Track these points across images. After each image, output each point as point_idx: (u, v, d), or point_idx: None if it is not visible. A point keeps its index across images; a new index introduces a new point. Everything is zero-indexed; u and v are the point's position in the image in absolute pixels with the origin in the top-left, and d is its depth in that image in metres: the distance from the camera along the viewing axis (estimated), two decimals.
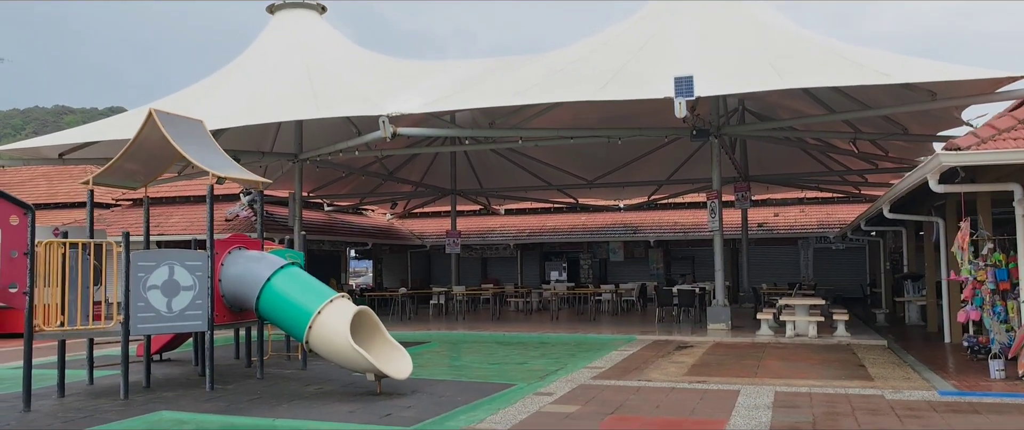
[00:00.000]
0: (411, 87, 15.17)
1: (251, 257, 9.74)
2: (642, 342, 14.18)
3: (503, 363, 11.73)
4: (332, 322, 8.91)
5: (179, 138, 9.86)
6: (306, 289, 9.28)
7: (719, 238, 16.55)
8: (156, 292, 9.01)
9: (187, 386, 9.76)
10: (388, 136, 13.68)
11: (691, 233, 27.59)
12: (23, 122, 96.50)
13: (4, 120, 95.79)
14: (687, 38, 14.28)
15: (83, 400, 8.90)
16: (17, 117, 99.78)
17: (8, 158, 16.72)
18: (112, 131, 16.77)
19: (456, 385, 9.54)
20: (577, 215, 30.54)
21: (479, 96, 14.00)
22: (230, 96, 16.72)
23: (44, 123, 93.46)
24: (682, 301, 17.72)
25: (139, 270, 8.91)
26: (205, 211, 24.39)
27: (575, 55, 14.90)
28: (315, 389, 9.34)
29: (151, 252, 9.15)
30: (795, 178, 24.81)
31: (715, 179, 16.70)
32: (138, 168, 10.61)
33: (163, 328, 9.13)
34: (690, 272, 29.36)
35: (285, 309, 9.17)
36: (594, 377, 10.04)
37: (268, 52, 17.99)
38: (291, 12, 18.89)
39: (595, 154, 24.41)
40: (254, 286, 9.34)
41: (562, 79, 13.99)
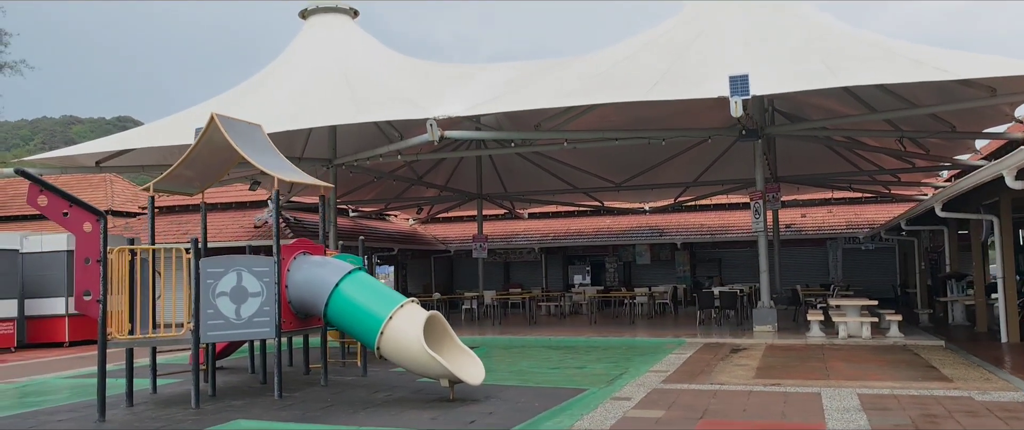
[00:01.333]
0: (453, 90, 15.05)
1: (316, 262, 9.61)
2: (692, 345, 14.01)
3: (562, 367, 11.57)
4: (405, 327, 8.76)
5: (240, 142, 9.73)
6: (376, 294, 9.14)
7: (763, 239, 16.39)
8: (225, 299, 8.88)
9: (253, 394, 9.62)
10: (435, 139, 13.55)
11: (718, 235, 27.44)
12: (31, 132, 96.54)
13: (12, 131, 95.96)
14: (734, 38, 14.14)
15: (154, 409, 8.76)
16: (25, 128, 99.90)
17: (46, 167, 16.64)
18: (148, 138, 16.70)
19: (527, 391, 9.38)
20: (601, 218, 30.38)
21: (525, 98, 13.87)
22: (266, 102, 16.61)
23: (52, 133, 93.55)
24: (724, 303, 17.54)
25: (208, 276, 8.78)
26: (232, 218, 24.44)
27: (618, 57, 14.77)
28: (385, 396, 9.19)
29: (219, 258, 9.02)
30: (826, 178, 24.61)
31: (759, 179, 16.54)
32: (195, 174, 10.48)
33: (232, 335, 9.00)
34: (717, 274, 29.18)
35: (355, 315, 9.03)
36: (663, 381, 9.87)
37: (303, 57, 17.89)
38: (324, 16, 18.80)
39: (622, 157, 24.25)
40: (322, 292, 9.20)
41: (607, 81, 13.86)
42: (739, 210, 29.31)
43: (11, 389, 10.80)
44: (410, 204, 28.54)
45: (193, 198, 24.79)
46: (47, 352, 15.97)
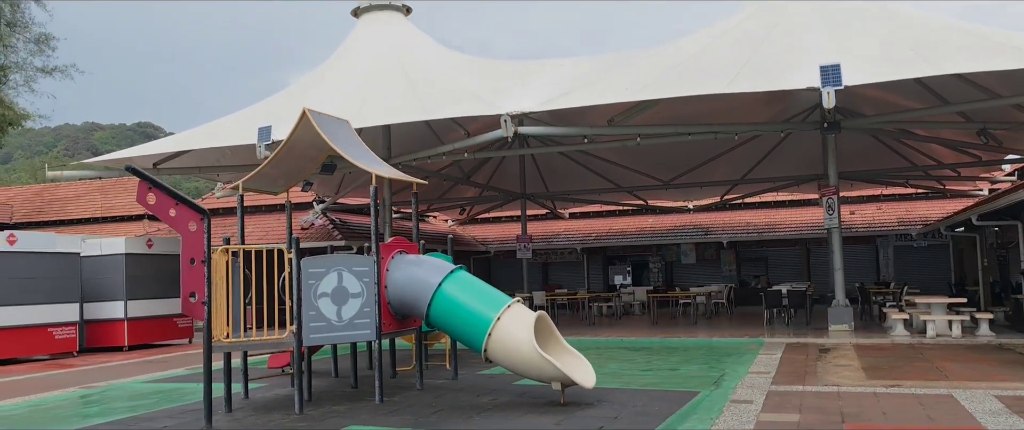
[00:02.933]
0: (519, 86, 14.71)
1: (415, 262, 9.27)
2: (773, 345, 13.59)
3: (653, 369, 11.19)
4: (514, 329, 8.41)
5: (331, 137, 9.42)
6: (481, 294, 8.79)
7: (837, 236, 15.92)
8: (326, 300, 8.56)
9: (350, 398, 9.30)
10: (509, 135, 13.21)
11: (765, 233, 26.94)
12: (54, 139, 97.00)
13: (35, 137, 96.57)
14: (813, 28, 13.71)
15: (256, 414, 8.45)
16: (48, 134, 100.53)
17: (102, 169, 16.44)
18: (205, 139, 16.47)
19: (635, 393, 9.01)
20: (644, 218, 29.94)
21: (598, 93, 13.51)
22: (326, 100, 16.31)
23: (75, 140, 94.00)
24: (792, 302, 17.10)
25: (309, 277, 8.46)
26: (278, 220, 24.17)
27: (691, 50, 14.38)
28: (490, 400, 8.84)
29: (320, 258, 8.70)
30: (879, 174, 24.06)
31: (831, 174, 16.07)
32: (281, 172, 10.18)
33: (333, 338, 8.67)
34: (763, 273, 28.67)
35: (460, 316, 8.68)
36: (772, 383, 9.47)
37: (359, 55, 17.61)
38: (378, 14, 18.52)
39: (667, 155, 23.78)
40: (424, 292, 8.85)
41: (683, 74, 13.48)
42: (785, 208, 28.83)
43: (95, 394, 10.53)
44: (452, 205, 28.22)
45: (231, 201, 24.60)
46: (109, 356, 15.75)
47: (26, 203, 35.95)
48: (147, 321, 17.21)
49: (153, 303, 17.31)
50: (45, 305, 15.19)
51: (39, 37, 21.15)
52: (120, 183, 36.77)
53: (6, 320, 14.56)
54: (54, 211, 34.47)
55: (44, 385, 11.62)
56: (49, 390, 11.01)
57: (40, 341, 15.20)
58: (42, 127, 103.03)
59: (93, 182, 39.59)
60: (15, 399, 10.30)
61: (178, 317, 18.05)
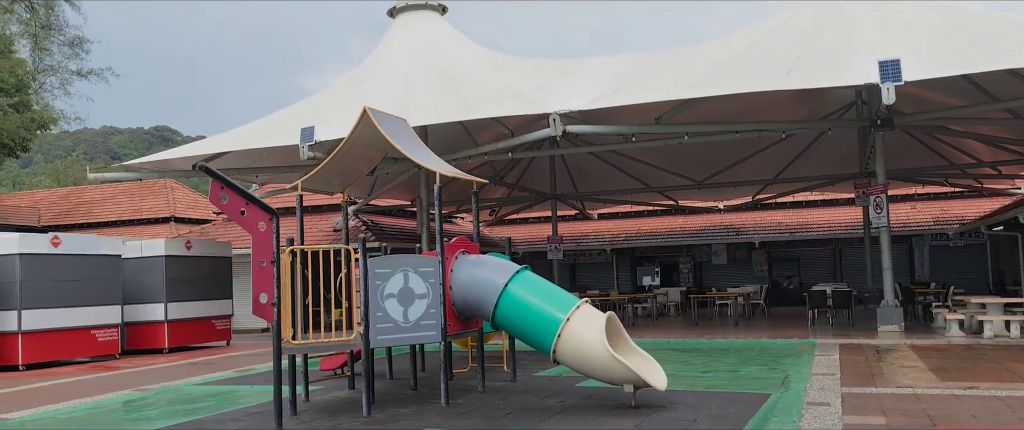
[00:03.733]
0: (563, 85, 14.56)
1: (478, 262, 9.13)
2: (826, 346, 13.36)
3: (713, 370, 11.00)
4: (584, 330, 8.25)
5: (391, 135, 9.30)
6: (548, 295, 8.63)
7: (886, 235, 15.67)
8: (393, 301, 8.43)
9: (413, 401, 9.16)
10: (558, 134, 13.06)
11: (798, 234, 26.63)
12: (73, 143, 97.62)
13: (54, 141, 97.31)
14: (864, 24, 13.48)
15: (323, 417, 8.32)
16: (67, 139, 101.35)
17: (145, 170, 16.42)
18: (245, 140, 16.42)
19: (706, 395, 8.82)
20: (673, 218, 29.70)
21: (647, 91, 13.35)
22: (366, 100, 16.16)
23: (93, 144, 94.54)
24: (837, 302, 16.85)
25: (376, 278, 8.33)
26: (308, 222, 24.08)
27: (739, 46, 14.19)
28: (558, 403, 8.68)
29: (386, 258, 8.58)
30: (918, 173, 23.71)
31: (880, 173, 15.80)
32: (338, 171, 10.06)
33: (400, 339, 8.54)
34: (795, 273, 28.36)
35: (528, 317, 8.53)
36: (842, 385, 9.26)
37: (396, 55, 17.52)
38: (414, 14, 18.41)
39: (698, 154, 23.56)
40: (489, 293, 8.71)
41: (732, 71, 13.29)
42: (817, 208, 28.51)
43: (152, 397, 10.46)
44: (485, 206, 28.08)
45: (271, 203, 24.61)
46: (151, 359, 15.71)
47: (54, 206, 36.15)
48: (186, 323, 17.17)
49: (192, 305, 17.28)
50: (88, 307, 15.16)
51: (73, 40, 21.21)
52: (147, 186, 36.94)
53: (50, 322, 14.54)
54: (82, 214, 34.62)
55: (96, 388, 11.56)
56: (102, 393, 10.94)
57: (83, 343, 15.17)
58: (60, 131, 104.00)
59: (120, 185, 39.74)
60: (71, 401, 10.24)
61: (216, 319, 18.01)
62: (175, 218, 32.58)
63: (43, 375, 13.49)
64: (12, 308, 14.11)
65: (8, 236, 14.63)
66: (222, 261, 18.35)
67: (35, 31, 20.24)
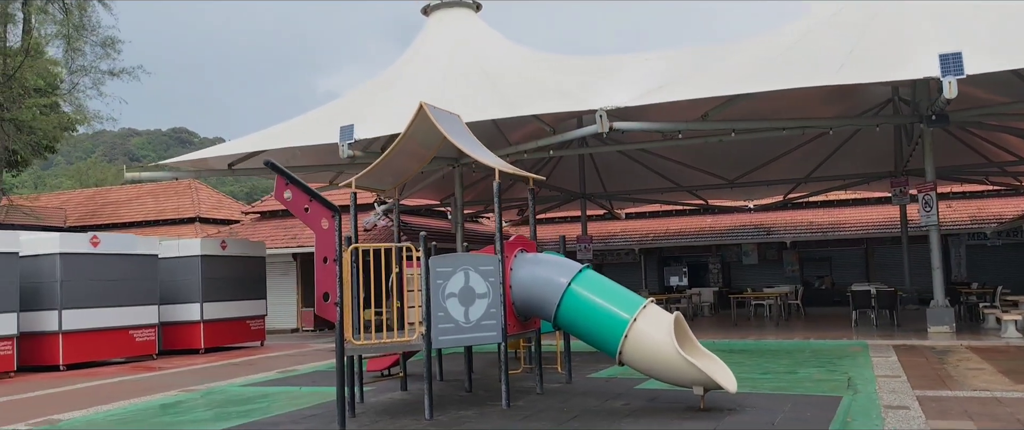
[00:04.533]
0: (606, 82, 14.35)
1: (538, 260, 8.92)
2: (878, 347, 13.05)
3: (770, 372, 10.73)
4: (652, 331, 8.02)
5: (448, 131, 9.11)
6: (613, 294, 8.41)
7: (936, 233, 15.34)
8: (454, 300, 8.23)
9: (470, 403, 8.96)
10: (605, 131, 12.84)
11: (830, 233, 26.25)
12: (92, 145, 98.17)
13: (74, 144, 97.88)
14: (917, 16, 13.16)
15: (384, 420, 8.13)
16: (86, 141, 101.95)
17: (179, 170, 16.34)
18: (280, 139, 16.28)
19: (773, 398, 8.58)
20: (702, 218, 29.38)
21: (695, 87, 13.11)
22: (403, 98, 16.05)
23: (112, 145, 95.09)
24: (881, 303, 16.52)
25: (437, 277, 8.13)
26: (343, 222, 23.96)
27: (788, 41, 13.92)
28: (623, 405, 8.45)
29: (447, 257, 8.37)
30: (955, 170, 23.29)
31: (929, 170, 15.47)
32: (390, 168, 9.89)
33: (461, 340, 8.34)
34: (827, 274, 27.97)
35: (593, 317, 8.31)
36: (913, 388, 8.98)
37: (432, 53, 17.34)
38: (448, 11, 18.23)
39: (729, 153, 23.25)
40: (552, 293, 8.49)
41: (783, 66, 13.02)
42: (849, 207, 28.11)
43: (200, 398, 10.31)
44: (507, 205, 27.87)
45: None
46: (189, 359, 15.60)
47: (79, 207, 36.27)
48: (222, 323, 17.06)
49: (227, 305, 17.17)
50: (126, 307, 15.08)
51: (105, 40, 21.18)
52: (172, 187, 37.00)
53: (89, 322, 14.46)
54: (107, 215, 34.71)
55: (141, 388, 11.44)
56: (149, 394, 10.81)
57: (121, 344, 15.09)
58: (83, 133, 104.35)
59: (144, 186, 39.84)
60: (120, 402, 10.12)
61: (251, 319, 17.90)
62: (200, 218, 32.59)
63: (85, 375, 13.39)
64: (53, 308, 14.04)
65: (49, 236, 14.58)
66: (256, 261, 18.24)
67: (68, 32, 20.21)
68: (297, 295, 22.90)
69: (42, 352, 14.12)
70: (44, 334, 14.08)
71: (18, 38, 20.39)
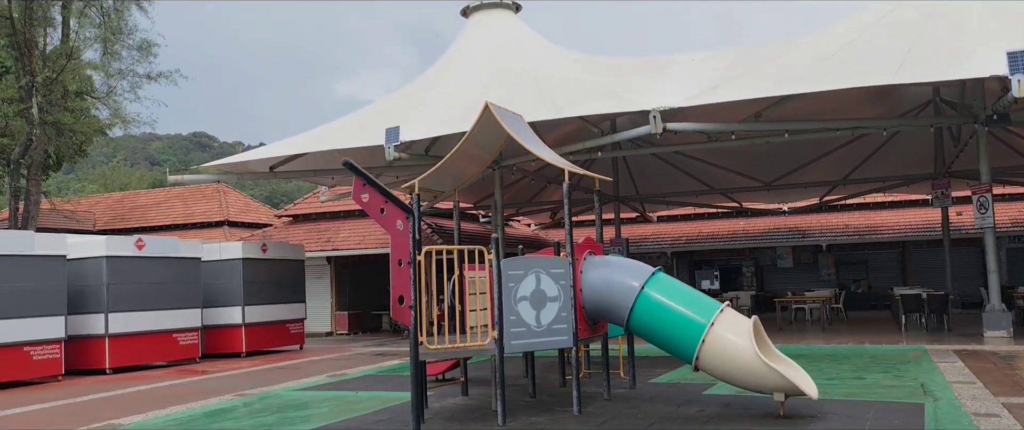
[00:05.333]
0: (655, 82, 14.16)
1: (608, 263, 8.73)
2: (939, 352, 12.75)
3: (836, 378, 10.47)
4: (731, 335, 7.81)
5: (515, 132, 8.95)
6: (688, 298, 8.20)
7: (991, 236, 14.98)
8: (525, 304, 8.05)
9: (538, 409, 8.77)
10: (658, 132, 12.65)
11: (867, 236, 25.87)
12: (113, 150, 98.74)
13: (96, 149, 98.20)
14: (975, 14, 12.87)
15: (456, 426, 7.97)
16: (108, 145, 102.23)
17: (220, 173, 16.30)
18: (321, 142, 16.18)
19: (854, 404, 8.33)
20: (735, 220, 29.06)
21: (749, 87, 12.89)
22: (445, 100, 15.98)
23: (133, 150, 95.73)
24: (932, 307, 16.19)
25: (509, 280, 7.96)
26: (373, 224, 23.85)
27: (843, 39, 13.67)
28: (697, 411, 8.24)
29: (518, 259, 8.21)
30: (998, 172, 22.80)
31: (984, 171, 15.12)
32: (451, 171, 9.73)
33: (533, 344, 8.16)
34: (864, 277, 27.57)
35: (668, 322, 8.10)
36: (994, 394, 8.71)
37: (472, 55, 17.22)
38: (488, 13, 18.10)
39: (765, 156, 22.93)
40: (624, 296, 8.29)
41: (839, 65, 12.79)
42: (886, 209, 27.70)
43: (257, 402, 10.19)
44: (538, 209, 27.70)
45: (333, 206, 24.40)
46: (232, 363, 15.51)
47: (108, 211, 36.44)
48: (262, 327, 16.99)
49: (268, 309, 17.10)
50: (170, 310, 15.02)
51: (141, 44, 21.23)
52: (200, 190, 37.12)
53: (135, 326, 14.41)
54: (136, 218, 34.83)
55: (194, 392, 11.34)
56: (203, 398, 10.71)
57: (165, 347, 15.03)
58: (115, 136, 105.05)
59: (173, 190, 39.98)
60: (177, 406, 10.01)
61: (290, 322, 17.82)
62: (228, 222, 32.64)
63: (132, 379, 13.32)
64: (99, 311, 13.99)
65: (95, 239, 14.56)
66: (295, 264, 18.16)
67: (105, 35, 20.27)
68: (331, 298, 22.81)
69: (88, 355, 14.08)
70: (90, 337, 14.04)
71: (57, 41, 20.46)
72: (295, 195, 70.34)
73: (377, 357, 15.35)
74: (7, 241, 12.63)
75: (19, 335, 12.58)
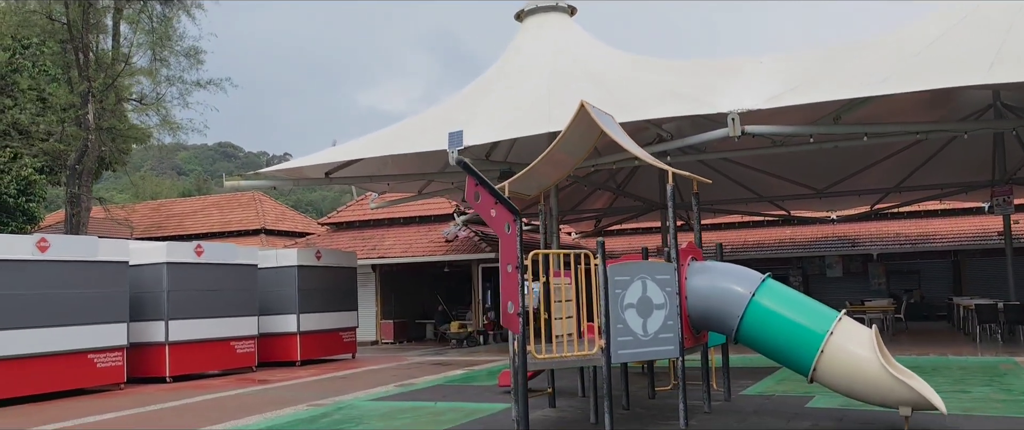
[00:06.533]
0: (729, 84, 13.75)
1: (713, 269, 8.35)
2: None
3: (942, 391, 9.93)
4: (852, 346, 7.40)
5: (613, 132, 8.60)
6: (802, 307, 7.80)
7: None
8: (632, 311, 7.68)
9: (639, 420, 8.39)
10: (737, 135, 12.26)
11: (919, 244, 25.23)
12: (140, 160, 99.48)
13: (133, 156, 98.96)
14: None
15: None
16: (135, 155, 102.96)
17: (277, 178, 16.10)
18: (374, 148, 15.90)
19: (980, 420, 7.90)
20: (781, 229, 28.52)
21: (835, 87, 12.47)
22: (504, 106, 15.66)
23: (159, 160, 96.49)
24: (1010, 317, 15.61)
25: (616, 286, 7.60)
26: (418, 232, 23.62)
27: (927, 37, 13.20)
28: (811, 425, 7.82)
29: (625, 265, 7.85)
30: None
31: None
32: (538, 174, 9.39)
33: (640, 354, 7.78)
34: (916, 286, 26.89)
35: (782, 332, 7.69)
36: None
37: (529, 59, 16.90)
38: (543, 16, 17.79)
39: (816, 163, 22.40)
40: (733, 305, 7.89)
41: (926, 64, 12.33)
42: (938, 218, 27.04)
43: (335, 412, 9.87)
44: (579, 217, 27.31)
45: (379, 214, 24.14)
46: (289, 372, 15.23)
47: (145, 219, 36.49)
48: (316, 335, 16.72)
49: (322, 317, 16.83)
50: (228, 318, 14.78)
51: (189, 50, 21.17)
52: (236, 199, 37.11)
53: (194, 333, 14.17)
54: (172, 227, 34.85)
55: (264, 402, 11.04)
56: (275, 408, 10.39)
57: (223, 355, 14.78)
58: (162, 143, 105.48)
59: (209, 198, 40.04)
60: (253, 417, 9.71)
61: (343, 331, 17.54)
62: (265, 230, 32.54)
63: (194, 387, 13.07)
64: (159, 318, 13.78)
65: (155, 245, 14.38)
66: (348, 272, 17.90)
67: (153, 41, 20.23)
68: (376, 307, 22.53)
69: (148, 363, 13.85)
70: (150, 345, 13.82)
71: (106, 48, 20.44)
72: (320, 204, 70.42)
73: (438, 367, 15.00)
74: (72, 246, 12.45)
75: (83, 342, 12.37)
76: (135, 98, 21.54)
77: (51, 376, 12.00)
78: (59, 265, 12.08)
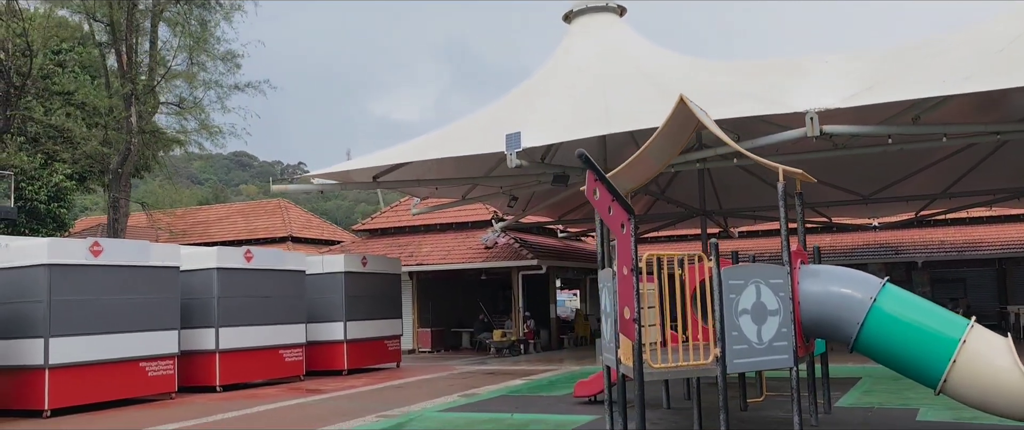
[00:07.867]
0: (799, 84, 13.27)
1: (825, 273, 7.87)
2: None
3: None
4: (990, 355, 6.88)
5: (712, 127, 8.14)
6: (930, 313, 7.29)
7: None
8: (746, 318, 7.20)
9: None
10: (815, 134, 11.78)
11: (965, 252, 24.62)
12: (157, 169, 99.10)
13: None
14: None
15: None
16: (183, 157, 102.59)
17: (324, 182, 15.67)
18: (422, 152, 15.48)
19: None
20: (820, 236, 27.88)
21: (913, 86, 11.98)
22: (557, 107, 15.24)
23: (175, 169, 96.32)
24: None
25: (730, 290, 7.11)
26: (456, 239, 23.12)
27: (1009, 33, 12.70)
28: None
29: (738, 268, 7.37)
30: None
31: None
32: (629, 173, 8.92)
33: (754, 363, 7.29)
34: (962, 296, 26.25)
35: (909, 340, 7.17)
36: None
37: (582, 59, 16.48)
38: (592, 17, 17.37)
39: (859, 168, 21.84)
40: (853, 311, 7.38)
41: (1011, 61, 11.82)
42: (983, 225, 26.41)
43: (409, 423, 9.40)
44: None
45: (420, 219, 23.66)
46: (338, 381, 14.76)
47: (170, 225, 36.22)
48: (363, 343, 16.26)
49: (367, 325, 16.38)
50: (277, 326, 14.35)
51: (225, 54, 20.87)
52: (262, 206, 36.82)
53: (243, 341, 13.74)
54: (198, 234, 34.51)
55: (327, 413, 10.58)
56: (344, 419, 9.94)
57: (272, 364, 14.34)
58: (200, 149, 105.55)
59: (235, 205, 39.75)
60: (328, 427, 9.25)
61: (388, 339, 17.07)
62: (292, 238, 32.17)
63: (246, 397, 12.62)
64: (210, 326, 13.35)
65: (206, 250, 14.00)
66: (392, 279, 17.45)
67: (189, 45, 19.95)
68: (413, 315, 22.06)
69: (197, 372, 13.42)
70: (200, 353, 13.40)
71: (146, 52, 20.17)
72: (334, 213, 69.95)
73: (491, 376, 14.52)
74: (124, 250, 12.04)
75: (135, 350, 11.95)
76: (173, 102, 21.26)
77: (104, 385, 11.58)
78: (112, 270, 11.68)
